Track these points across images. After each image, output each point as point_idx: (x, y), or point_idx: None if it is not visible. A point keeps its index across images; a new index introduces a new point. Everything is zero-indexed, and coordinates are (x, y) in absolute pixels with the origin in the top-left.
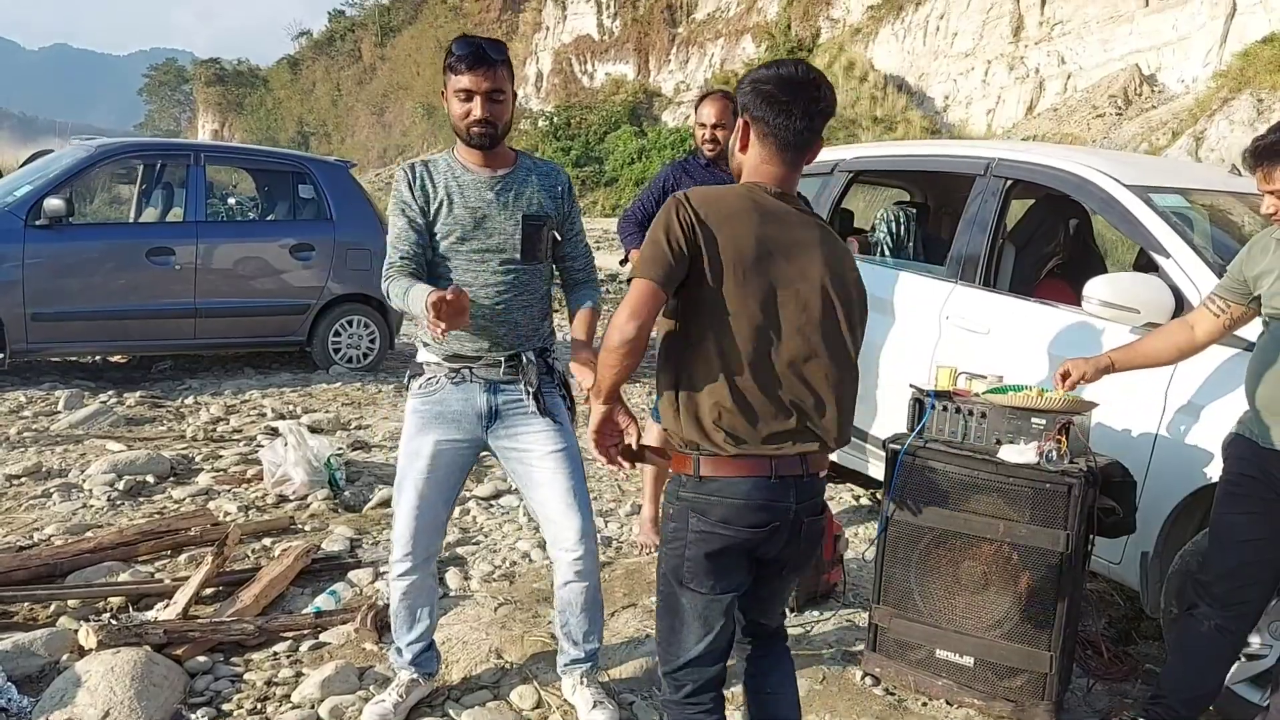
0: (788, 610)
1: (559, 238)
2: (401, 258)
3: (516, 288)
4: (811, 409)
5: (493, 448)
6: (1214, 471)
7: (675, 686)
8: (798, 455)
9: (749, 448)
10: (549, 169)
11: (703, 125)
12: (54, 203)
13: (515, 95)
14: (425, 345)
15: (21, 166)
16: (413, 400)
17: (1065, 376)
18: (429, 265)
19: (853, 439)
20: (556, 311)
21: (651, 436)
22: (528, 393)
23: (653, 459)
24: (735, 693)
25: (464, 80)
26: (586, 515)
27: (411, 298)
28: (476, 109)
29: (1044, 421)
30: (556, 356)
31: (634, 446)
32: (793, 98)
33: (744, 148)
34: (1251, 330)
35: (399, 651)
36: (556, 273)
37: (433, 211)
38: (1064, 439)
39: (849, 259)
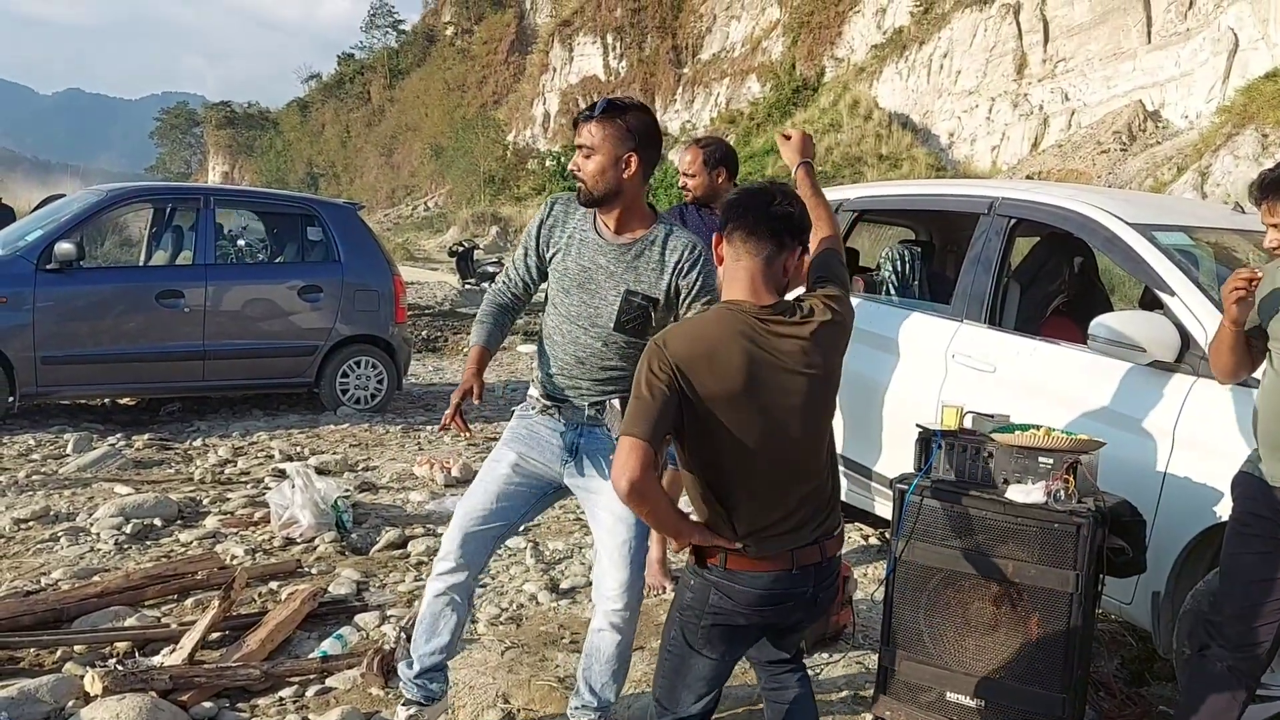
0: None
1: (673, 314)
2: (505, 281)
3: (607, 353)
4: (824, 506)
5: (568, 484)
6: (1224, 510)
7: None
8: (816, 545)
9: (770, 550)
10: (681, 244)
11: (679, 174)
12: (65, 247)
13: (624, 160)
14: (534, 378)
15: (34, 210)
16: (515, 419)
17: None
18: (548, 299)
19: (860, 478)
20: None
21: (667, 479)
22: (612, 438)
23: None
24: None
25: (576, 137)
26: (636, 569)
27: (475, 333)
28: (571, 163)
29: (1051, 461)
30: None
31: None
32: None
33: (720, 261)
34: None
35: (409, 664)
36: None
37: (551, 255)
38: (1072, 478)
39: (841, 340)
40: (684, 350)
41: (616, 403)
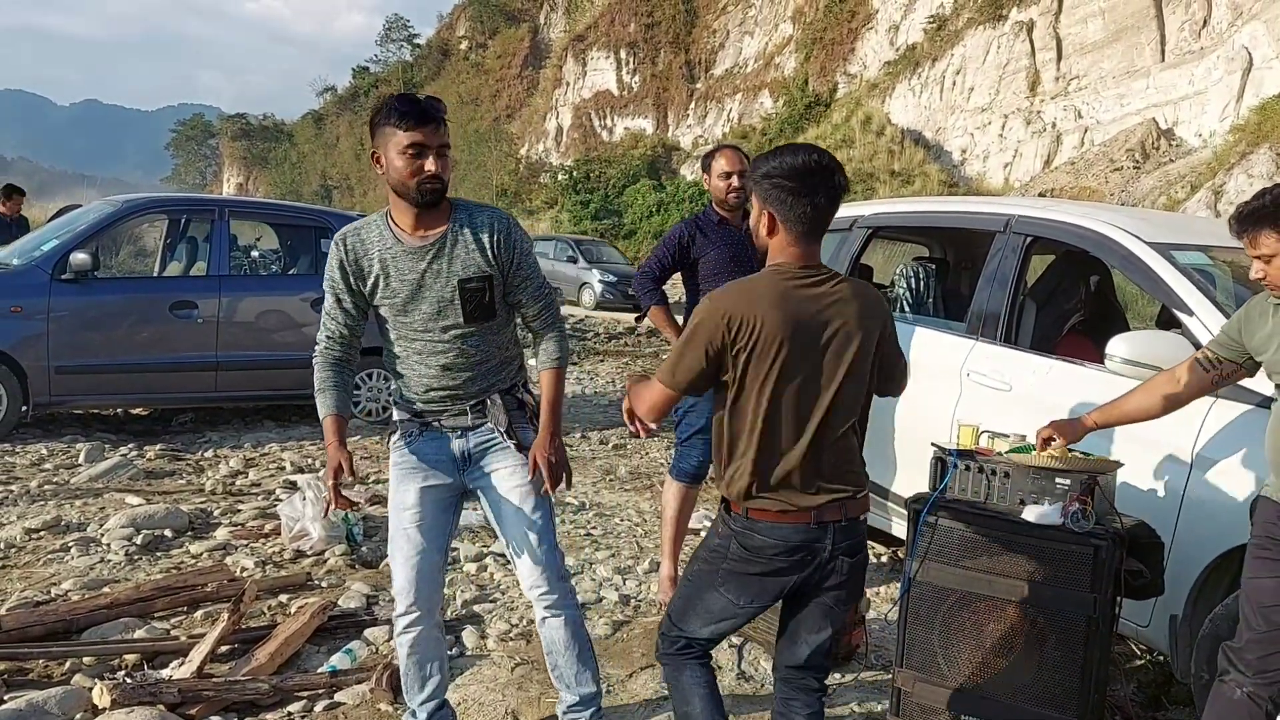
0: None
1: (506, 288)
2: (328, 337)
3: (469, 349)
4: (846, 467)
5: (471, 488)
6: (1244, 533)
7: (669, 642)
8: (838, 503)
9: (792, 507)
10: (485, 218)
11: (724, 177)
12: (80, 257)
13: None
14: (395, 404)
15: (49, 221)
16: (393, 455)
17: (1048, 441)
18: (383, 328)
19: (875, 497)
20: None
21: (671, 492)
22: (499, 431)
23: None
24: None
25: (415, 135)
26: (550, 550)
27: (321, 404)
28: (430, 164)
29: (1068, 482)
30: (529, 390)
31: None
32: (810, 187)
33: (770, 233)
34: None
35: (413, 714)
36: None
37: (369, 285)
38: (1089, 500)
39: (880, 306)
40: (737, 305)
41: (498, 398)
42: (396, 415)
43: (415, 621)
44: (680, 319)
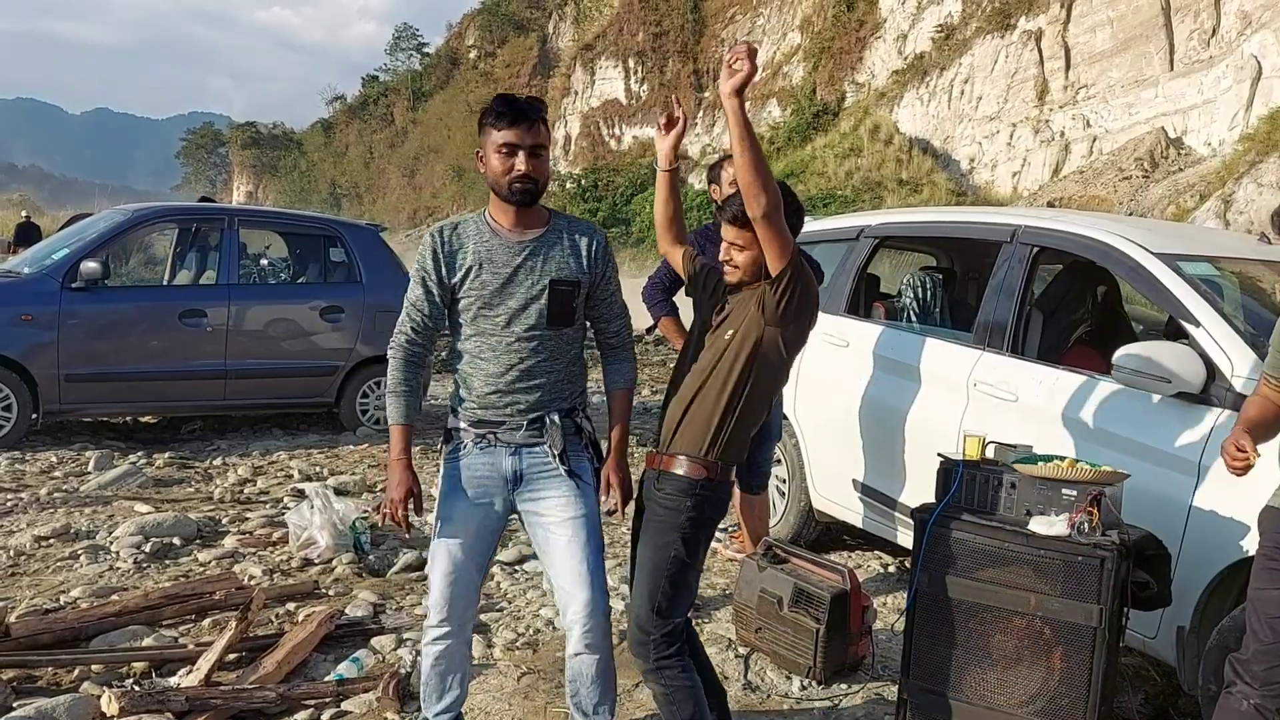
0: (816, 683)
1: (590, 299)
2: (413, 329)
3: (541, 353)
4: None
5: (519, 510)
6: (1251, 544)
7: (669, 643)
8: None
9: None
10: (584, 229)
11: (735, 186)
12: (90, 266)
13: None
14: (454, 411)
15: (60, 229)
16: (444, 465)
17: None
18: (454, 327)
19: (882, 507)
20: (592, 368)
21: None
22: (552, 455)
23: None
24: None
25: (508, 135)
26: (599, 587)
27: (393, 409)
28: (520, 164)
29: (1075, 493)
30: (588, 416)
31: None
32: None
33: None
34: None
35: None
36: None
37: (459, 276)
38: (1096, 511)
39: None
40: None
41: (557, 418)
42: (452, 423)
43: (446, 635)
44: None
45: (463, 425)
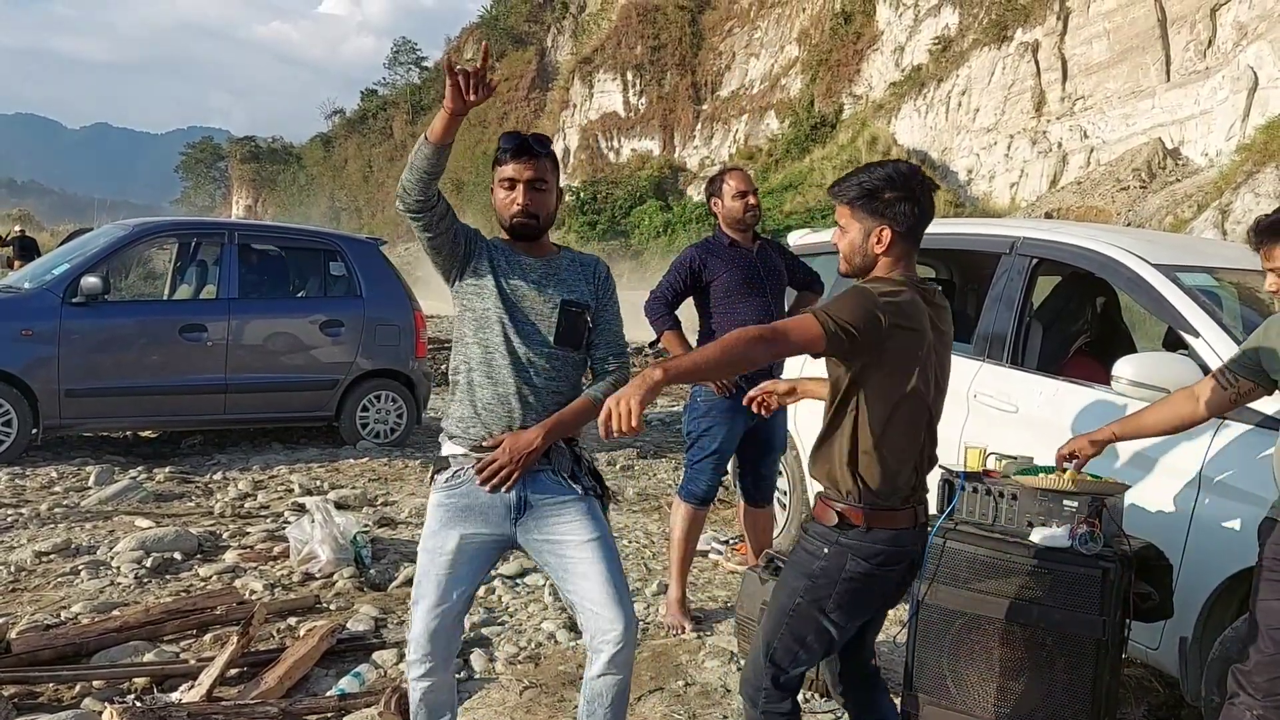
0: (818, 695)
1: (591, 325)
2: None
3: (548, 374)
4: (925, 470)
5: (522, 542)
6: (1253, 554)
7: (784, 694)
8: (922, 505)
9: (902, 503)
10: (588, 260)
11: (739, 196)
12: (90, 281)
13: (560, 192)
14: (451, 437)
15: (61, 245)
16: (437, 494)
17: (1072, 457)
18: (459, 343)
19: None
20: None
21: (679, 514)
22: (563, 478)
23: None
24: None
25: (508, 169)
26: (629, 605)
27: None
28: (519, 197)
29: (1076, 504)
30: (584, 448)
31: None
32: (919, 192)
33: (887, 250)
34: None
35: None
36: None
37: (473, 260)
38: (1097, 522)
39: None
40: (895, 300)
41: (563, 444)
42: (449, 450)
43: (429, 672)
44: (694, 342)
45: (463, 450)
